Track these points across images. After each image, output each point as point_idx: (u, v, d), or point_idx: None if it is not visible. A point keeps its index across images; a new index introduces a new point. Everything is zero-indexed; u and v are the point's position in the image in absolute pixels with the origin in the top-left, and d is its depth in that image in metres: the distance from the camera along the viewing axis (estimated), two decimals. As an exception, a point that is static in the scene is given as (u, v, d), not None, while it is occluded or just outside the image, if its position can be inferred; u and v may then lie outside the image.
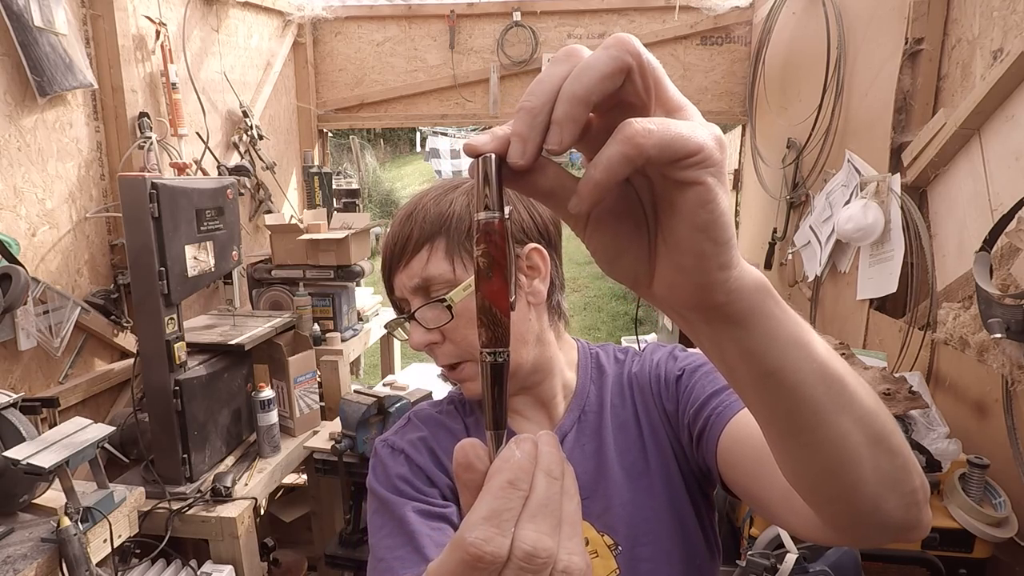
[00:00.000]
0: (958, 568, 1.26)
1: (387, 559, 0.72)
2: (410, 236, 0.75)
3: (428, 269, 0.74)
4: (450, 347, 0.75)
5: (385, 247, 0.79)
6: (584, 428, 0.80)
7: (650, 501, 0.76)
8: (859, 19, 2.11)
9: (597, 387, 0.83)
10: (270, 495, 2.50)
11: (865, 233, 1.88)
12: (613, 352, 0.88)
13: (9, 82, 1.70)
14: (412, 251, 0.75)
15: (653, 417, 0.79)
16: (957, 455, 1.31)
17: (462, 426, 0.83)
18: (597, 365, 0.85)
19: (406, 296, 0.76)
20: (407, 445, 0.80)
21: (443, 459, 0.79)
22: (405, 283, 0.76)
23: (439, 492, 0.77)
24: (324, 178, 3.03)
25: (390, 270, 0.78)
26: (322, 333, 2.52)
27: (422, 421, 0.84)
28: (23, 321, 1.69)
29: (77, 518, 1.32)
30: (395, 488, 0.77)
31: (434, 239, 0.75)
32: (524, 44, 3.31)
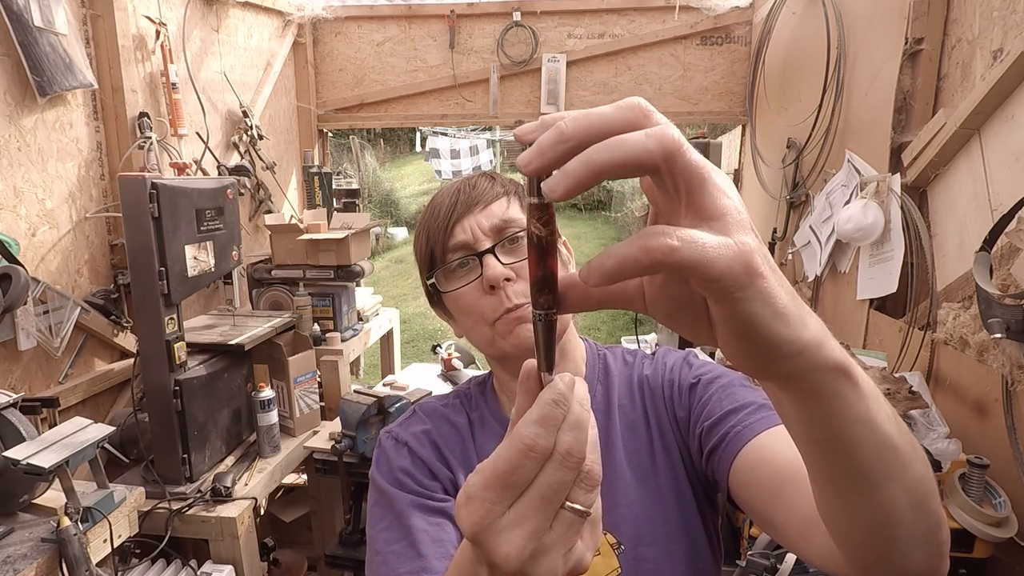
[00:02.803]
0: (958, 568, 1.26)
1: (383, 552, 0.75)
2: (491, 187, 0.79)
3: (510, 212, 0.77)
4: (523, 285, 0.74)
5: (450, 196, 0.79)
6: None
7: (656, 502, 0.76)
8: (859, 19, 2.11)
9: (604, 387, 0.84)
10: (270, 495, 2.50)
11: (865, 233, 1.88)
12: (621, 355, 0.89)
13: (9, 82, 1.70)
14: (493, 197, 0.78)
15: (663, 421, 0.80)
16: (957, 455, 1.31)
17: (466, 420, 0.84)
18: (604, 366, 0.86)
19: (477, 236, 0.76)
20: (411, 438, 0.81)
21: (445, 452, 0.80)
22: (482, 222, 0.76)
23: (440, 486, 0.78)
24: (324, 178, 3.03)
25: (457, 213, 0.77)
26: (322, 333, 2.52)
27: (427, 414, 0.85)
28: (23, 321, 1.69)
29: (77, 518, 1.32)
30: (396, 481, 0.78)
31: (510, 195, 0.79)
32: (524, 44, 3.31)
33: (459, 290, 0.76)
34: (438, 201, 0.80)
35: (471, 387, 0.90)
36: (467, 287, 0.76)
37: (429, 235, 0.79)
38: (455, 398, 0.88)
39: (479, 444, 0.82)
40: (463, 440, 0.82)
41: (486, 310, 0.76)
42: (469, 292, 0.76)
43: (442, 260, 0.78)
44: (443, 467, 0.79)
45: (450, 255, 0.77)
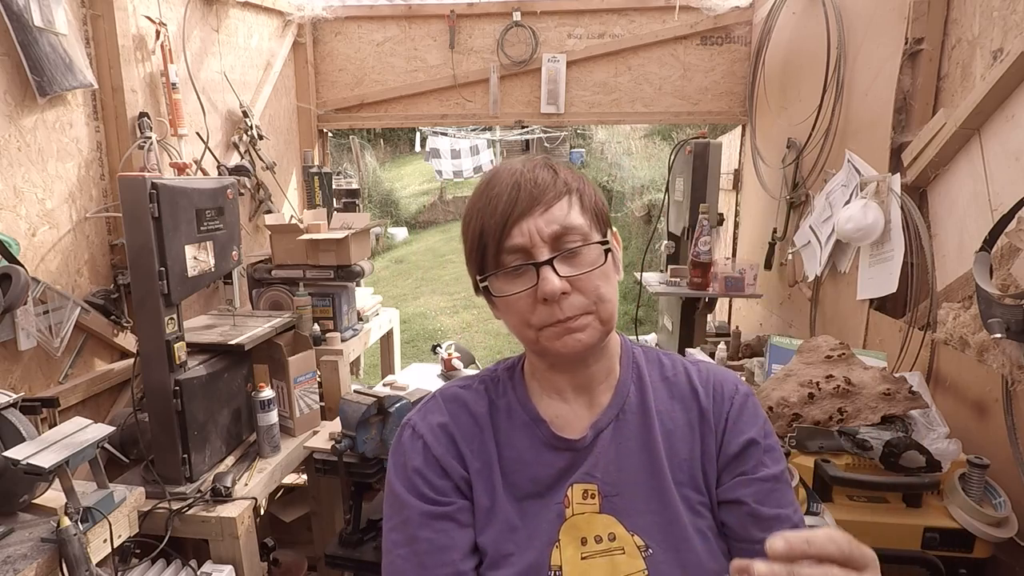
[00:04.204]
0: (958, 568, 1.26)
1: (390, 553, 0.77)
2: (553, 183, 0.74)
3: (571, 218, 0.73)
4: (579, 298, 0.73)
5: (509, 188, 0.74)
6: (623, 426, 0.80)
7: (689, 520, 0.76)
8: (859, 19, 2.11)
9: (638, 388, 0.83)
10: (270, 495, 2.50)
11: (865, 233, 1.88)
12: (657, 356, 0.87)
13: (9, 82, 1.70)
14: (555, 197, 0.73)
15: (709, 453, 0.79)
16: (957, 455, 1.31)
17: (486, 408, 0.83)
18: (635, 365, 0.85)
19: (536, 242, 0.72)
20: (427, 431, 0.81)
21: (462, 446, 0.80)
22: (541, 227, 0.72)
23: (452, 484, 0.78)
24: (324, 178, 3.03)
25: (517, 213, 0.72)
26: (322, 333, 2.52)
27: (446, 401, 0.84)
28: (23, 321, 1.69)
29: (77, 518, 1.32)
30: (409, 483, 0.78)
31: (572, 193, 0.75)
32: (524, 44, 3.31)
33: (512, 296, 0.74)
34: (496, 191, 0.74)
35: (499, 371, 0.87)
36: (521, 295, 0.74)
37: (484, 228, 0.74)
38: (479, 383, 0.86)
39: (501, 433, 0.81)
40: (481, 432, 0.81)
41: (535, 317, 0.74)
42: (520, 300, 0.74)
43: (495, 260, 0.74)
44: (457, 464, 0.79)
45: (505, 256, 0.74)
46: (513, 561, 0.74)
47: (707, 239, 2.46)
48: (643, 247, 8.49)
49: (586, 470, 0.77)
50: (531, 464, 0.79)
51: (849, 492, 1.29)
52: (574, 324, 0.73)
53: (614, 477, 0.77)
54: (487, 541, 0.76)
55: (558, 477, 0.78)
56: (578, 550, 0.75)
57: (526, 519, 0.77)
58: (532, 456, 0.79)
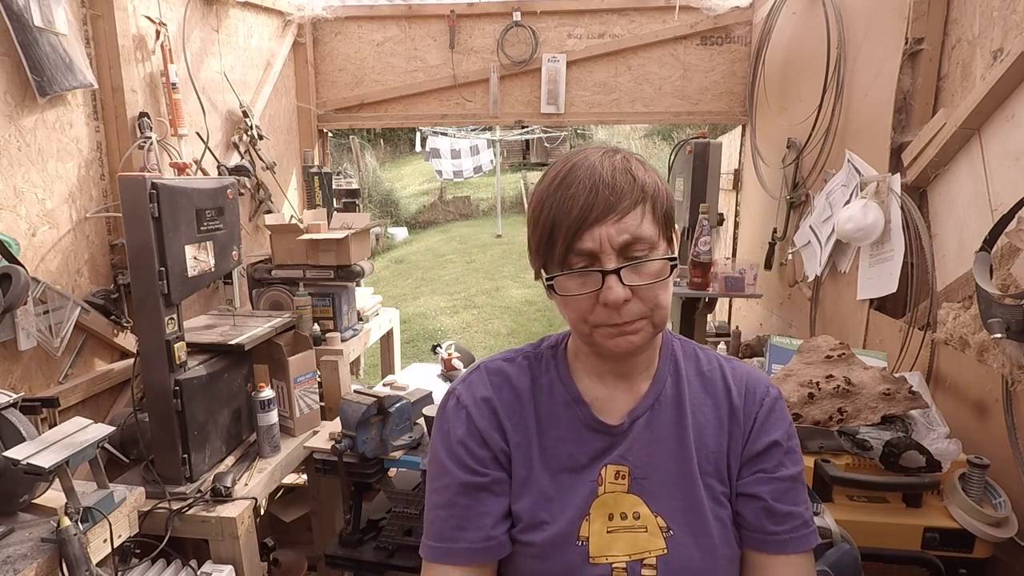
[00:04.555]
0: (958, 568, 1.26)
1: (431, 511, 0.84)
2: (630, 189, 0.75)
3: (642, 228, 0.75)
4: (638, 305, 0.76)
5: (587, 192, 0.75)
6: (659, 416, 0.85)
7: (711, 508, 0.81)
8: (859, 19, 2.11)
9: (674, 380, 0.87)
10: (270, 495, 2.50)
11: (865, 233, 1.88)
12: (694, 351, 0.91)
13: (9, 82, 1.70)
14: (629, 206, 0.75)
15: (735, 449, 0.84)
16: (957, 455, 1.31)
17: (528, 384, 0.87)
18: (673, 356, 0.89)
19: (605, 250, 0.74)
20: (471, 403, 0.85)
21: (503, 420, 0.85)
22: (612, 235, 0.74)
23: (491, 455, 0.84)
24: (324, 178, 3.03)
25: (593, 218, 0.74)
26: (322, 333, 2.52)
27: (490, 375, 0.88)
28: (23, 321, 1.69)
29: (77, 518, 1.32)
30: (452, 452, 0.84)
31: (646, 202, 0.76)
32: (524, 44, 3.31)
33: (576, 297, 0.77)
34: (572, 190, 0.75)
35: (543, 348, 0.91)
36: (584, 296, 0.76)
37: (555, 224, 0.76)
38: (523, 358, 0.90)
39: (541, 408, 0.86)
40: (522, 407, 0.86)
41: (593, 317, 0.77)
42: (583, 300, 0.77)
43: (563, 259, 0.76)
44: (498, 437, 0.84)
45: (573, 257, 0.76)
46: (546, 528, 0.81)
47: (707, 239, 2.46)
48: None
49: (620, 453, 0.83)
50: (569, 442, 0.84)
51: (849, 492, 1.29)
52: (629, 328, 0.77)
53: (645, 461, 0.82)
54: (522, 508, 0.82)
55: (594, 457, 0.83)
56: (605, 524, 0.80)
57: (560, 492, 0.82)
58: (571, 435, 0.84)
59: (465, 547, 0.80)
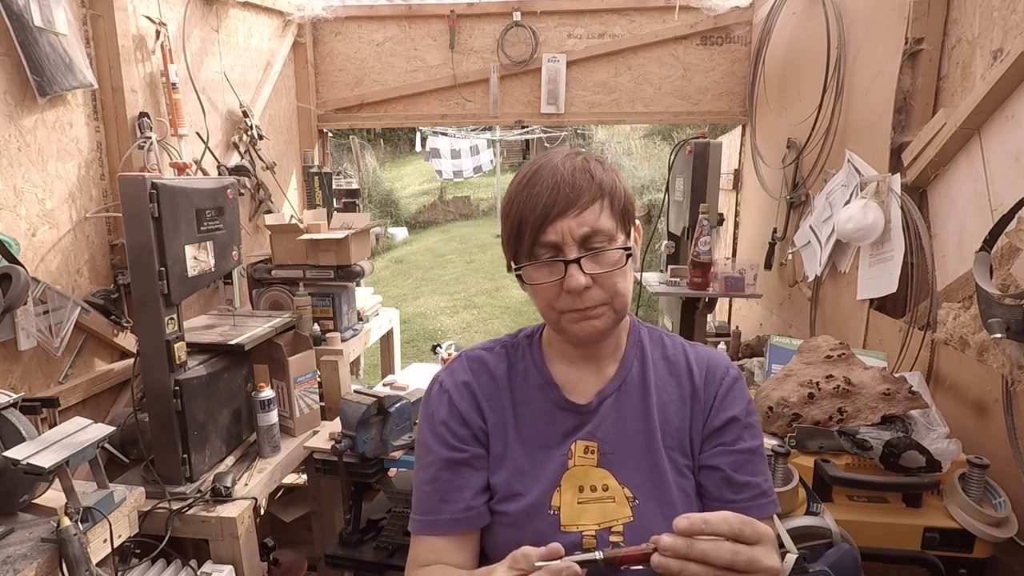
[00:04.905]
0: (958, 568, 1.26)
1: (418, 487, 0.93)
2: (588, 186, 0.84)
3: (601, 222, 0.83)
4: (599, 292, 0.84)
5: (549, 189, 0.83)
6: (625, 396, 0.92)
7: (674, 480, 0.88)
8: (859, 19, 2.11)
9: (640, 364, 0.95)
10: (270, 495, 2.50)
11: (865, 233, 1.88)
12: (660, 337, 0.99)
13: (9, 82, 1.70)
14: (588, 202, 0.83)
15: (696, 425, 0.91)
16: (957, 455, 1.31)
17: (505, 370, 0.96)
18: (639, 342, 0.97)
19: (567, 241, 0.82)
20: (453, 388, 0.94)
21: (481, 401, 0.93)
22: (573, 228, 0.82)
23: (470, 433, 0.92)
24: (324, 178, 3.03)
25: (555, 213, 0.82)
26: (322, 333, 2.52)
27: (470, 362, 0.97)
28: (23, 321, 1.69)
29: (77, 518, 1.32)
30: (435, 432, 0.92)
31: (604, 198, 0.84)
32: (524, 44, 3.31)
33: (542, 285, 0.85)
34: (537, 189, 0.84)
35: (520, 338, 1.00)
36: (549, 284, 0.85)
37: (523, 220, 0.84)
38: (501, 347, 0.99)
39: (516, 391, 0.94)
40: (499, 390, 0.94)
41: (559, 303, 0.85)
42: (548, 288, 0.85)
43: (530, 251, 0.85)
44: (476, 416, 0.92)
45: (539, 249, 0.84)
46: (520, 499, 0.88)
47: (707, 239, 2.46)
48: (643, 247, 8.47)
49: (589, 430, 0.90)
50: (542, 421, 0.92)
51: (849, 492, 1.29)
52: (591, 313, 0.85)
53: (612, 438, 0.90)
54: (499, 481, 0.90)
55: (566, 434, 0.91)
56: (575, 496, 0.87)
57: (534, 466, 0.90)
58: (544, 414, 0.92)
59: (448, 518, 0.88)
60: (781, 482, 1.25)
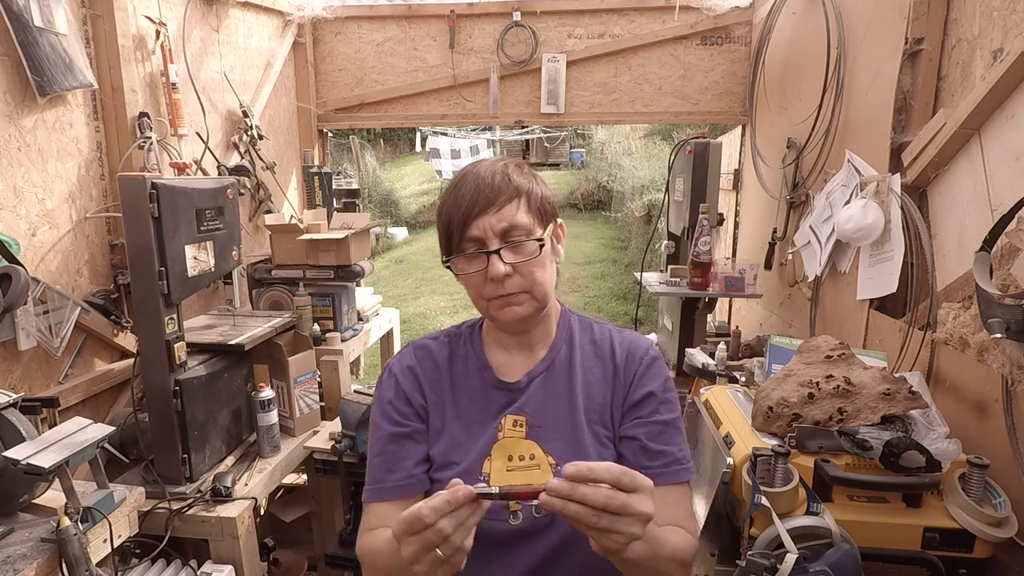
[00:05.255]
0: (958, 568, 1.26)
1: (370, 461, 1.04)
2: (505, 188, 0.95)
3: (518, 218, 0.95)
4: (518, 280, 0.95)
5: (472, 191, 0.95)
6: (553, 376, 1.04)
7: (595, 449, 0.99)
8: (859, 19, 2.11)
9: (568, 347, 1.06)
10: (270, 495, 2.50)
11: (865, 233, 1.88)
12: (590, 324, 1.10)
13: (9, 82, 1.70)
14: (506, 200, 0.94)
15: (617, 401, 1.02)
16: (957, 455, 1.30)
17: (447, 356, 1.07)
18: (569, 329, 1.08)
19: (488, 236, 0.94)
20: (399, 372, 1.06)
21: (423, 383, 1.05)
22: (493, 224, 0.94)
23: (413, 411, 1.03)
24: (324, 178, 3.03)
25: (476, 212, 0.94)
26: (322, 333, 2.52)
27: (416, 349, 1.09)
28: (23, 321, 1.69)
29: (77, 518, 1.32)
30: (382, 410, 1.04)
31: (520, 196, 0.96)
32: (524, 44, 3.31)
33: (470, 275, 0.97)
34: (461, 191, 0.96)
35: (463, 328, 1.12)
36: (476, 274, 0.96)
37: (450, 220, 0.96)
38: (445, 336, 1.11)
39: (456, 374, 1.06)
40: (440, 373, 1.06)
41: (485, 291, 0.96)
42: (475, 277, 0.96)
43: (458, 246, 0.96)
44: (419, 396, 1.04)
45: (465, 244, 0.95)
46: (454, 467, 0.99)
47: (707, 239, 2.46)
48: (643, 247, 8.48)
49: (519, 406, 1.01)
50: (478, 399, 1.03)
51: (849, 492, 1.29)
52: (513, 300, 0.96)
53: (540, 412, 1.01)
54: (437, 452, 1.01)
55: (498, 411, 1.02)
56: (505, 464, 0.98)
57: (468, 439, 1.01)
58: (480, 394, 1.04)
59: (393, 485, 0.99)
60: (781, 482, 1.25)
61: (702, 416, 1.50)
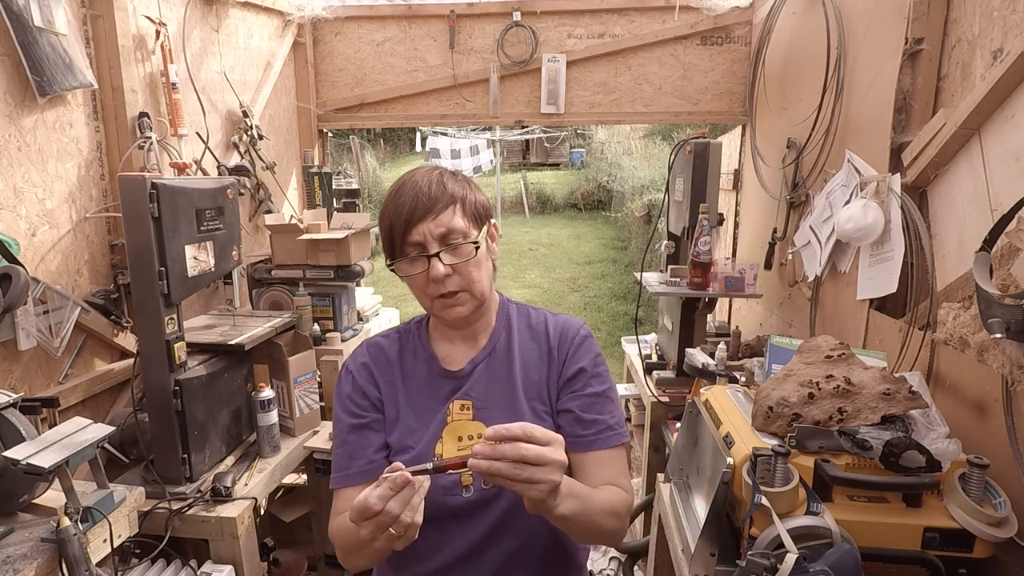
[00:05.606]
0: (958, 568, 1.26)
1: (334, 451, 1.14)
2: (441, 195, 1.04)
3: (454, 223, 1.04)
4: (458, 279, 1.05)
5: (411, 200, 1.03)
6: (494, 361, 1.14)
7: (531, 418, 1.08)
8: (859, 19, 2.11)
9: (507, 334, 1.17)
10: (270, 495, 2.50)
11: (865, 233, 1.88)
12: (527, 312, 1.21)
13: (9, 82, 1.70)
14: (442, 207, 1.03)
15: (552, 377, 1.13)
16: (957, 455, 1.30)
17: (397, 351, 1.18)
18: (507, 317, 1.19)
19: (428, 240, 1.03)
20: (355, 369, 1.16)
21: (377, 378, 1.15)
22: (432, 229, 1.02)
23: (370, 403, 1.13)
24: (324, 178, 3.03)
25: (415, 218, 1.02)
26: (322, 333, 2.52)
27: (369, 347, 1.19)
28: (23, 321, 1.69)
29: (77, 518, 1.32)
30: (342, 404, 1.14)
31: (456, 202, 1.05)
32: (524, 44, 3.31)
33: (413, 276, 1.06)
34: (400, 200, 1.05)
35: (412, 324, 1.22)
36: (418, 275, 1.05)
37: (392, 226, 1.05)
38: (396, 333, 1.21)
39: (406, 367, 1.16)
40: (391, 367, 1.16)
41: (429, 290, 1.06)
42: (419, 278, 1.05)
43: (401, 250, 1.05)
44: (373, 389, 1.14)
45: (407, 248, 1.05)
46: (410, 451, 1.08)
47: (707, 239, 2.46)
48: (643, 247, 8.48)
49: (464, 391, 1.12)
50: (427, 388, 1.14)
51: (849, 492, 1.29)
52: (455, 300, 1.06)
53: (484, 395, 1.11)
54: (394, 439, 1.11)
55: (446, 397, 1.12)
56: (456, 444, 1.08)
57: (421, 425, 1.11)
58: (428, 383, 1.14)
59: (356, 471, 1.08)
60: (781, 482, 1.25)
61: (702, 416, 1.50)
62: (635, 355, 3.09)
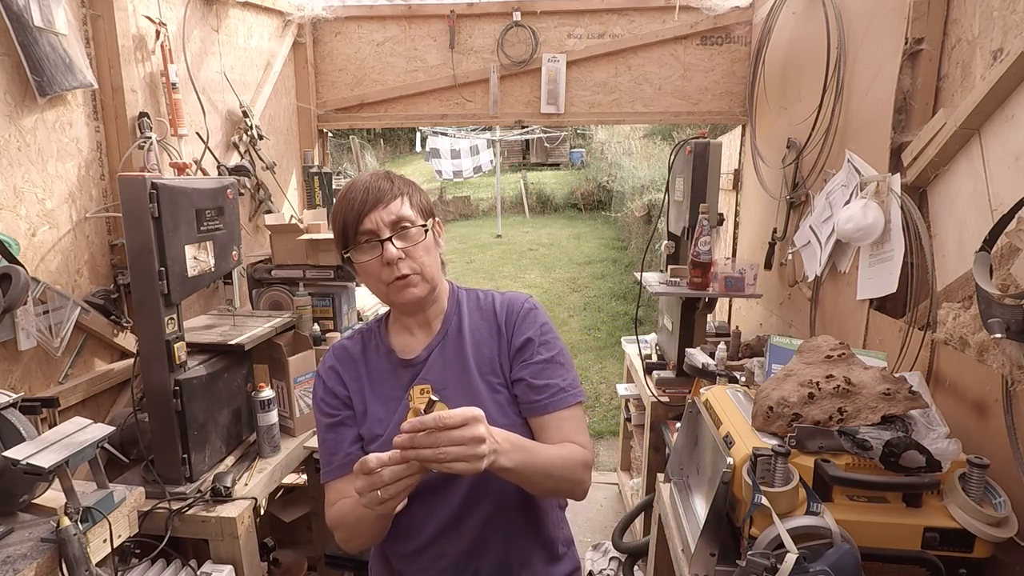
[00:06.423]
0: (958, 568, 1.26)
1: (319, 450, 1.23)
2: (390, 189, 1.13)
3: (404, 211, 1.13)
4: (409, 263, 1.13)
5: (361, 193, 1.12)
6: (447, 344, 1.22)
7: (488, 395, 1.17)
8: (859, 19, 2.11)
9: (458, 318, 1.24)
10: (270, 495, 2.50)
11: (865, 233, 1.88)
12: (476, 295, 1.28)
13: (9, 82, 1.70)
14: (391, 197, 1.13)
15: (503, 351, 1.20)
16: (957, 455, 1.30)
17: (360, 349, 1.26)
18: (458, 302, 1.26)
19: (380, 227, 1.11)
20: (324, 373, 1.24)
21: (344, 377, 1.23)
22: (383, 217, 1.11)
23: (340, 402, 1.22)
24: (324, 178, 3.03)
25: (367, 209, 1.11)
26: (322, 333, 2.52)
27: (335, 350, 1.27)
28: (23, 321, 1.69)
29: (77, 518, 1.32)
30: (317, 406, 1.23)
31: (403, 195, 1.15)
32: (524, 44, 3.31)
33: (366, 262, 1.13)
34: (351, 196, 1.13)
35: (372, 323, 1.30)
36: (371, 261, 1.12)
37: (345, 220, 1.13)
38: (358, 334, 1.29)
39: (370, 363, 1.24)
40: (356, 366, 1.24)
41: (383, 276, 1.13)
42: (372, 264, 1.13)
43: (354, 240, 1.13)
44: (342, 388, 1.22)
45: (360, 237, 1.12)
46: (379, 439, 1.16)
47: (707, 239, 2.46)
48: (643, 247, 8.48)
49: (423, 375, 1.19)
50: (389, 380, 1.22)
51: (849, 492, 1.29)
52: (408, 282, 1.13)
53: (441, 378, 1.18)
54: (365, 431, 1.19)
55: (407, 384, 1.19)
56: None
57: (388, 413, 1.18)
58: (389, 375, 1.22)
59: (337, 464, 1.18)
60: (781, 482, 1.25)
61: (702, 416, 1.50)
62: (635, 355, 3.08)
